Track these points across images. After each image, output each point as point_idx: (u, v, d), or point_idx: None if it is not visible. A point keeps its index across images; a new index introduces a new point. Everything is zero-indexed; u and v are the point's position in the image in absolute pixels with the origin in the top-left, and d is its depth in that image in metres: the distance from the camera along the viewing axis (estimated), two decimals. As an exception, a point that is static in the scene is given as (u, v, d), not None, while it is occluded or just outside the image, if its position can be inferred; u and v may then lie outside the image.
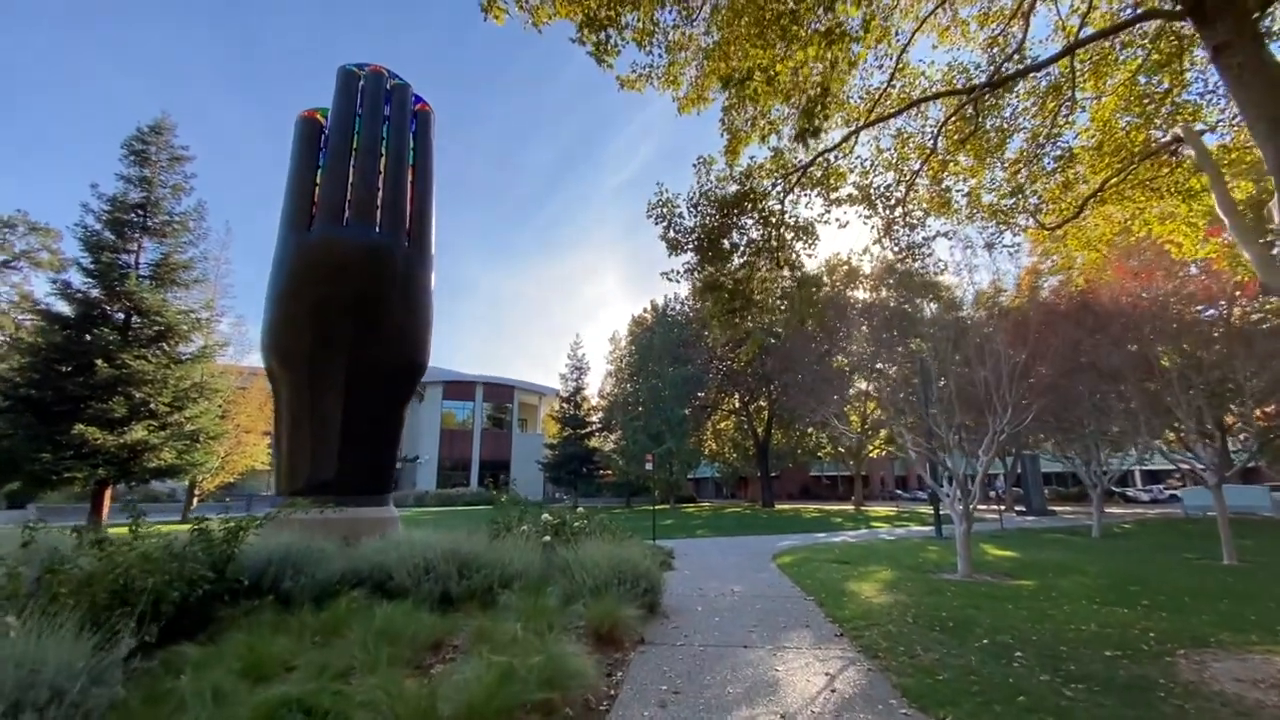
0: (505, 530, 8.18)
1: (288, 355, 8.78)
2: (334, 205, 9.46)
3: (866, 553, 12.69)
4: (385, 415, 9.21)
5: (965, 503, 10.10)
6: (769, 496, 36.36)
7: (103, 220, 16.45)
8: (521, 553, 6.82)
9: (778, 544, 14.99)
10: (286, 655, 4.30)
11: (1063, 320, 12.20)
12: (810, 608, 7.00)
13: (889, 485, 69.78)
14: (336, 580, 5.67)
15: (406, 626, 4.77)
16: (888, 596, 7.56)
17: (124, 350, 14.87)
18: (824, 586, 8.29)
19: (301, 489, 8.46)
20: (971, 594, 7.73)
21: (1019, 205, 9.65)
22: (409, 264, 9.71)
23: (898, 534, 18.41)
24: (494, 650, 4.35)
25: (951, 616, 6.30)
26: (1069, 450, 19.40)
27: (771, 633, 5.83)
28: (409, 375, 9.56)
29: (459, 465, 43.33)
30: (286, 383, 8.75)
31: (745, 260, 7.90)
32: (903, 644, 5.25)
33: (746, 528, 20.39)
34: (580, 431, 39.00)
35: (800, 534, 18.21)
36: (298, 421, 8.63)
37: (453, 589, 5.86)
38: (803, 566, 10.46)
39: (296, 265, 9.06)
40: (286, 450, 8.59)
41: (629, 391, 35.61)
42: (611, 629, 5.36)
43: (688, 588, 8.39)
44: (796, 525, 21.69)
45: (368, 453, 8.92)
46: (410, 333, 9.54)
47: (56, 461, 13.09)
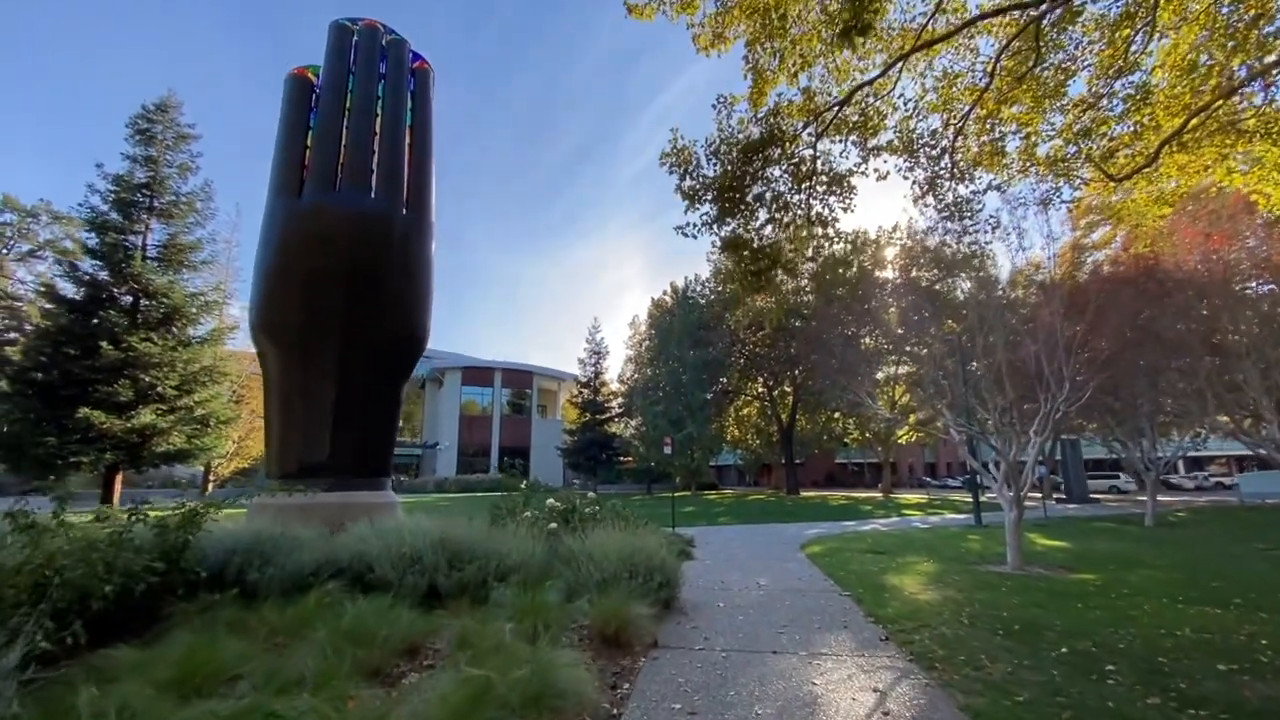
0: (509, 517, 7.51)
1: (277, 331, 8.18)
2: (326, 170, 8.80)
3: (902, 542, 11.81)
4: (382, 394, 8.59)
5: (1016, 488, 9.16)
6: (794, 483, 35.42)
7: (109, 201, 16.14)
8: (522, 542, 6.13)
9: (805, 532, 14.16)
10: (234, 661, 3.65)
11: (1124, 288, 11.06)
12: (847, 605, 6.19)
13: (918, 472, 68.20)
14: (310, 572, 5.04)
15: (379, 626, 4.10)
16: (934, 592, 6.71)
17: (130, 333, 14.56)
18: (860, 580, 7.47)
19: (293, 472, 7.90)
20: (1029, 590, 6.84)
21: (1082, 153, 8.57)
22: (407, 232, 9.02)
23: (932, 522, 17.43)
24: (476, 658, 3.65)
25: (1014, 617, 5.44)
26: (1118, 433, 18.13)
27: (805, 635, 5.05)
28: (408, 351, 8.90)
29: (479, 451, 43.11)
30: (276, 360, 8.16)
31: (771, 215, 7.03)
32: (963, 652, 4.43)
33: (771, 515, 19.57)
34: (599, 417, 38.43)
35: (828, 522, 17.34)
36: (288, 401, 8.04)
37: (441, 582, 5.19)
38: (834, 557, 9.64)
39: (285, 235, 8.43)
40: (277, 431, 8.02)
41: (649, 376, 34.84)
42: (619, 630, 4.63)
43: (709, 580, 7.64)
44: (823, 513, 20.79)
45: (363, 433, 8.31)
46: (409, 306, 8.87)
47: (62, 445, 12.84)
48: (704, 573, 8.22)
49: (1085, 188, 9.28)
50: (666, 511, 16.02)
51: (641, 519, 11.23)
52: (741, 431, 43.13)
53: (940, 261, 33.12)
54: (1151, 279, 11.85)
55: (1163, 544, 11.68)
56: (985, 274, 17.39)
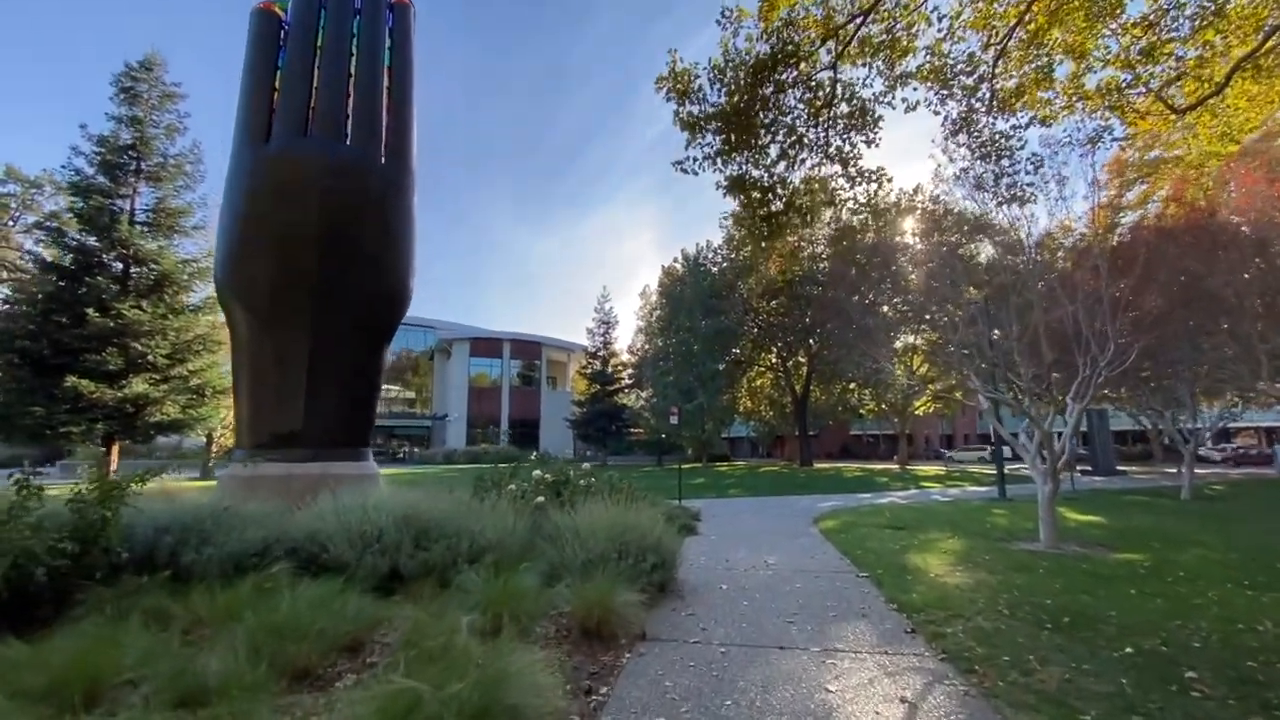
0: (494, 489, 6.92)
1: (244, 292, 7.54)
2: (295, 114, 8.05)
3: (922, 516, 11.11)
4: (361, 358, 7.97)
5: (1051, 460, 8.38)
6: (808, 455, 34.76)
7: (95, 164, 15.55)
8: (502, 518, 5.52)
9: (818, 505, 13.51)
10: (139, 659, 3.07)
11: (1172, 241, 10.05)
12: (866, 589, 5.53)
13: (934, 444, 67.22)
14: (256, 552, 4.46)
15: (319, 617, 3.51)
16: (964, 574, 6.01)
17: (120, 300, 14.09)
18: (879, 559, 6.80)
19: (265, 442, 7.37)
20: (1070, 572, 6.13)
21: (1139, 81, 7.54)
22: (385, 182, 8.29)
23: (952, 495, 16.69)
24: (419, 661, 3.04)
25: (1061, 606, 4.74)
26: (1153, 402, 17.14)
27: (818, 625, 4.40)
28: (388, 312, 8.25)
29: (488, 423, 42.92)
30: (244, 323, 7.55)
31: (784, 150, 6.17)
32: (1005, 650, 3.75)
33: (783, 487, 18.97)
34: (608, 388, 37.87)
35: (843, 494, 16.68)
36: (258, 366, 7.45)
37: (404, 564, 4.60)
38: (850, 533, 8.97)
39: (252, 185, 7.73)
40: (247, 399, 7.46)
41: (659, 346, 34.07)
42: (602, 620, 4.01)
43: (712, 558, 7.03)
44: (838, 485, 20.14)
45: (341, 401, 7.73)
46: (388, 262, 8.18)
47: (50, 415, 12.51)
48: (708, 549, 7.61)
49: (1139, 124, 8.23)
50: (675, 483, 15.45)
51: (643, 491, 10.63)
52: (754, 403, 42.37)
53: (964, 224, 31.75)
54: (1204, 231, 10.79)
55: (1206, 519, 10.87)
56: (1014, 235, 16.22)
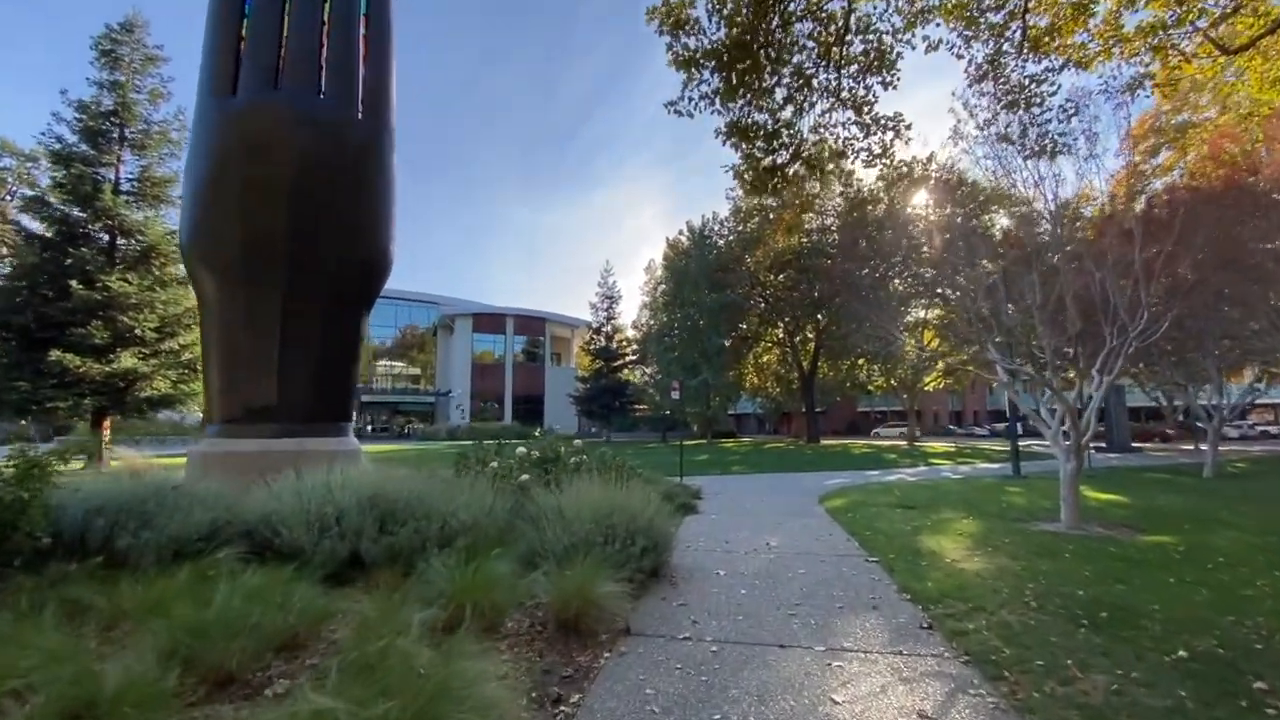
0: (479, 466, 6.49)
1: (210, 256, 7.06)
2: (263, 64, 7.45)
3: (933, 494, 10.64)
4: (339, 328, 7.50)
5: (1075, 437, 7.85)
6: (814, 432, 34.33)
7: (76, 130, 15.00)
8: (480, 497, 5.08)
9: (825, 483, 13.07)
10: (36, 663, 2.66)
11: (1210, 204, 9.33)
12: (875, 575, 5.07)
13: (943, 420, 66.72)
14: (202, 536, 4.05)
15: (254, 613, 3.08)
16: (983, 559, 5.54)
17: (105, 273, 13.67)
18: (890, 542, 6.33)
19: (237, 416, 6.95)
20: (1098, 556, 5.64)
21: (1185, 19, 6.80)
22: (362, 139, 7.72)
23: (964, 472, 16.22)
24: (355, 667, 2.60)
25: (1095, 598, 4.26)
26: (1176, 376, 16.48)
27: (823, 619, 3.94)
28: (366, 279, 7.75)
29: (492, 399, 42.72)
30: (212, 290, 7.07)
31: (791, 92, 5.54)
32: (1038, 652, 3.28)
33: (789, 464, 18.55)
34: (612, 364, 37.42)
35: (850, 472, 16.23)
36: (228, 336, 7.00)
37: (366, 549, 4.18)
38: (858, 512, 8.52)
39: (217, 142, 7.20)
40: (217, 370, 7.02)
41: (663, 322, 33.49)
42: (582, 613, 3.58)
43: (710, 540, 6.59)
44: (845, 462, 19.70)
45: (318, 373, 7.28)
46: (366, 225, 7.66)
47: (36, 390, 12.20)
48: (707, 530, 7.18)
49: (1184, 68, 7.49)
50: (679, 460, 15.05)
51: (641, 469, 10.21)
52: (761, 379, 41.85)
53: (979, 194, 30.70)
54: (1244, 192, 10.04)
55: (1232, 499, 10.33)
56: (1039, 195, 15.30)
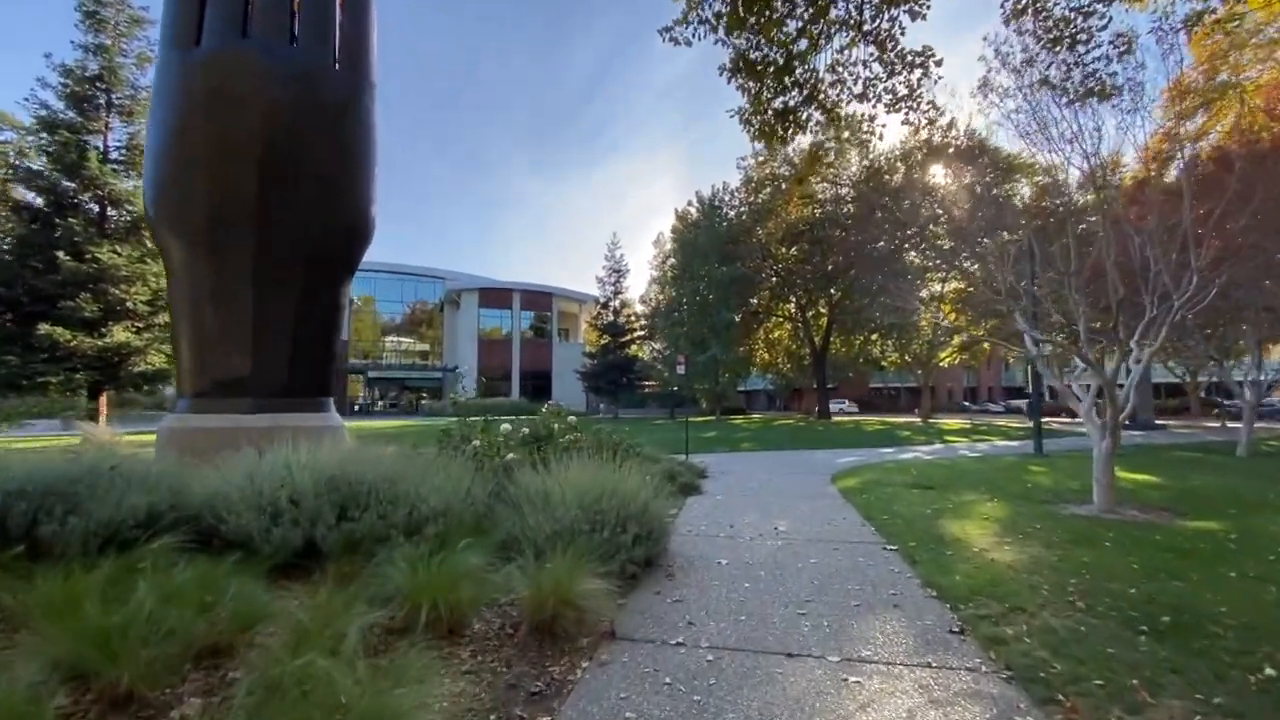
0: (463, 444, 6.03)
1: (176, 221, 6.55)
2: (231, 11, 6.84)
3: (951, 474, 10.10)
4: (316, 297, 7.00)
5: (1112, 413, 7.25)
6: (826, 408, 33.73)
7: (62, 96, 14.47)
8: (458, 479, 4.61)
9: (836, 461, 12.56)
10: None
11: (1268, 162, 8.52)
12: (896, 566, 4.56)
13: (957, 397, 65.80)
14: (138, 522, 3.61)
15: (169, 615, 2.63)
16: (1014, 548, 5.01)
17: (95, 244, 13.26)
18: (910, 527, 5.82)
19: (208, 390, 6.53)
20: (1142, 545, 5.09)
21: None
22: (340, 93, 7.14)
23: (981, 450, 15.62)
24: (266, 692, 2.15)
25: (1148, 596, 3.73)
26: (1210, 349, 15.67)
27: (837, 619, 3.45)
28: (345, 245, 7.24)
29: (500, 375, 42.48)
30: (180, 257, 6.59)
31: (805, 24, 4.87)
32: (1094, 666, 2.76)
33: (800, 441, 18.03)
34: (620, 339, 36.86)
35: (863, 449, 15.70)
36: (197, 306, 6.53)
37: (323, 537, 3.73)
38: (873, 493, 8.00)
39: (181, 97, 6.64)
40: (186, 341, 6.57)
41: (672, 296, 32.78)
42: (559, 614, 3.11)
43: (714, 523, 6.11)
44: (857, 439, 19.14)
45: (295, 345, 6.82)
46: (344, 188, 7.12)
47: (26, 364, 11.91)
48: (710, 512, 6.70)
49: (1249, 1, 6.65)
50: (685, 436, 14.57)
51: (642, 445, 9.74)
52: (771, 355, 41.17)
53: (1000, 163, 29.47)
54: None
55: (1273, 479, 9.70)
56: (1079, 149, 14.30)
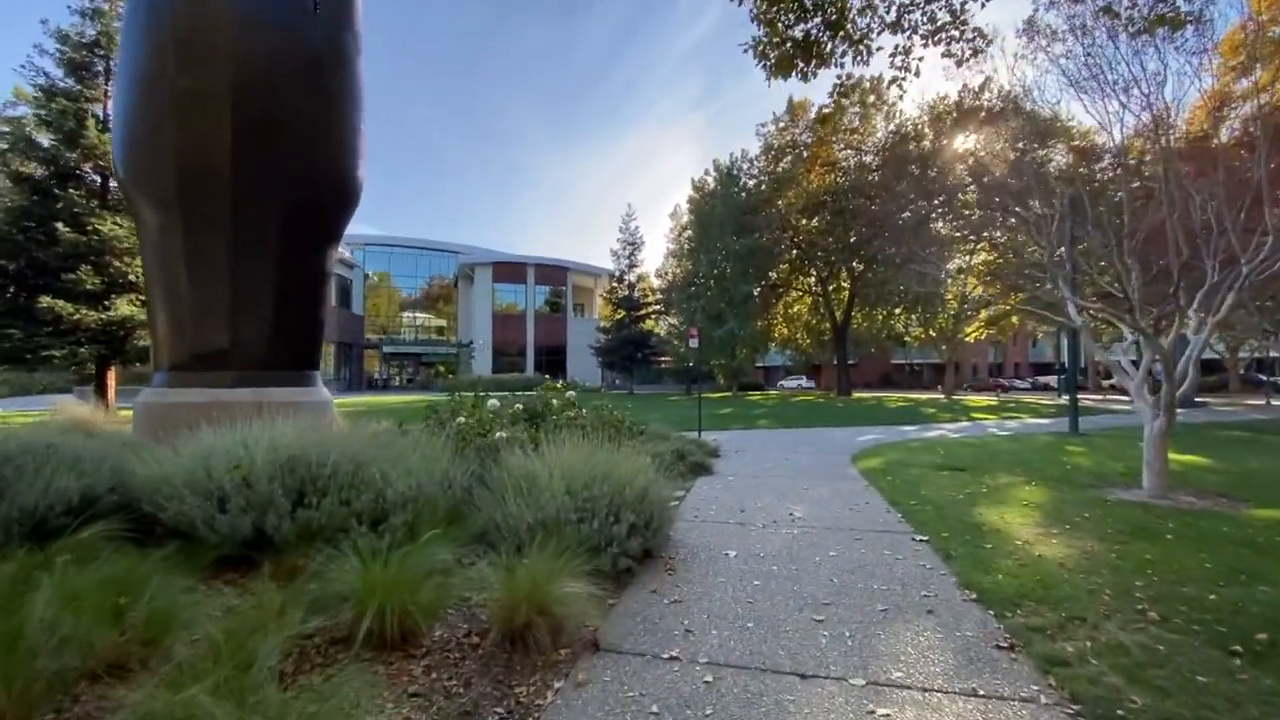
0: (451, 420, 5.58)
1: (146, 181, 6.13)
2: (200, -48, 6.29)
3: (982, 454, 9.46)
4: (299, 263, 6.57)
5: (1169, 389, 6.57)
6: (846, 384, 32.92)
7: (60, 63, 14.11)
8: (434, 461, 4.16)
9: (857, 439, 11.97)
10: None
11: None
12: (927, 561, 4.03)
13: (981, 373, 64.29)
14: (68, 509, 3.22)
15: (63, 624, 2.22)
16: (1063, 541, 4.44)
17: (94, 215, 13.01)
18: (941, 514, 5.27)
19: (186, 363, 6.16)
20: (1211, 539, 4.48)
21: None
22: (321, 43, 6.59)
23: (1012, 428, 14.87)
24: None
25: (1231, 603, 3.15)
26: (1265, 321, 14.63)
27: (860, 628, 2.94)
28: (328, 207, 6.77)
29: (514, 351, 42.26)
30: (152, 220, 6.17)
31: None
32: (1185, 700, 2.22)
33: (818, 418, 17.41)
34: (635, 314, 36.22)
35: (885, 427, 15.05)
36: (172, 273, 6.13)
37: (274, 526, 3.31)
38: (898, 474, 7.44)
39: (148, 45, 6.15)
40: (162, 311, 6.19)
41: (688, 269, 31.96)
42: (535, 621, 2.64)
43: (724, 508, 5.62)
44: (879, 416, 18.46)
45: (277, 314, 6.40)
46: (326, 144, 6.62)
47: (29, 338, 11.78)
48: (721, 495, 6.21)
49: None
50: (698, 413, 14.07)
51: (651, 423, 9.27)
52: (791, 330, 40.26)
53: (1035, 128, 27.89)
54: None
55: (1340, 462, 8.91)
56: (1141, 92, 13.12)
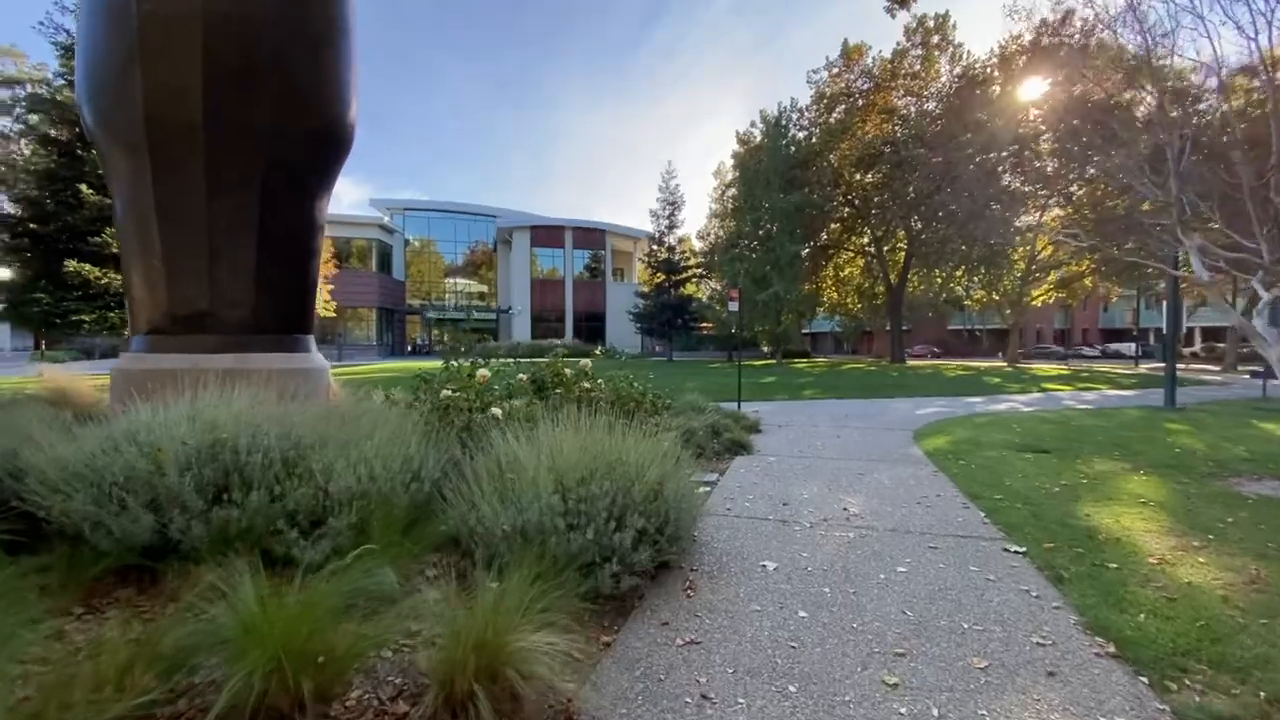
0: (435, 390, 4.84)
1: (114, 124, 5.48)
2: None
3: (1067, 432, 8.21)
4: (282, 213, 5.86)
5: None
6: (900, 352, 31.07)
7: (81, 21, 13.78)
8: (401, 444, 3.40)
9: (917, 412, 10.79)
10: None
11: None
12: (1028, 582, 3.06)
13: (1046, 339, 60.46)
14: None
15: None
16: (1211, 559, 3.37)
17: (121, 177, 12.77)
18: (1036, 513, 4.24)
19: (163, 326, 5.60)
20: None
21: None
22: (301, -40, 5.72)
23: (1091, 400, 13.32)
24: None
25: None
26: None
27: (955, 708, 2.03)
28: (315, 152, 6.01)
29: (553, 316, 41.82)
30: (120, 166, 5.55)
31: None
32: None
33: (871, 389, 16.12)
34: (674, 278, 34.89)
35: (946, 398, 13.73)
36: (144, 225, 5.52)
37: (182, 529, 2.61)
38: (971, 457, 6.35)
39: (110, -33, 5.43)
40: (136, 269, 5.61)
41: (731, 229, 30.37)
42: (480, 689, 1.85)
43: (762, 497, 4.73)
44: (938, 386, 17.02)
45: (262, 272, 5.75)
46: (311, 80, 5.83)
47: (58, 303, 11.75)
48: (760, 480, 5.31)
49: None
50: (741, 381, 13.09)
51: (682, 392, 8.39)
52: (840, 294, 38.24)
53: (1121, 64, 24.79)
54: None
55: None
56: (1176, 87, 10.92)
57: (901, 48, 29.31)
